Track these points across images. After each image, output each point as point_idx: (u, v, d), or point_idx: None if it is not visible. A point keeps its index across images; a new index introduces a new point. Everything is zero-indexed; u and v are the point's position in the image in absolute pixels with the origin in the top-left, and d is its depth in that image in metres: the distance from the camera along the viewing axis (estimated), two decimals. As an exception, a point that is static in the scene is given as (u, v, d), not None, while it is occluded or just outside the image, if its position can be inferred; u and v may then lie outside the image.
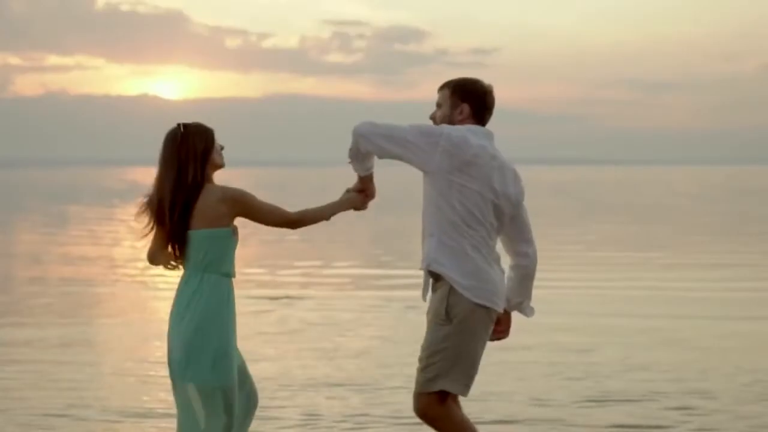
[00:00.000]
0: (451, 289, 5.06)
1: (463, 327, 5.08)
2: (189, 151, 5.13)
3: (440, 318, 5.07)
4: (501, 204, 5.18)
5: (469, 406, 8.02)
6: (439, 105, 5.33)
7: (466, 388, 5.15)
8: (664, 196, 59.24)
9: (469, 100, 5.26)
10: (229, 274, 5.29)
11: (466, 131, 5.16)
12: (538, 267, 5.40)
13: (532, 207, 6.15)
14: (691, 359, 10.11)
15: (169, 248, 5.20)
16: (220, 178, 5.34)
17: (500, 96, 5.46)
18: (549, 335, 11.47)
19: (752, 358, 10.18)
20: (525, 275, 5.34)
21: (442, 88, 5.35)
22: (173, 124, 5.25)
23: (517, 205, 5.27)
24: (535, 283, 5.88)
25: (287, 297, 14.36)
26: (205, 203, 5.09)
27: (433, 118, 5.35)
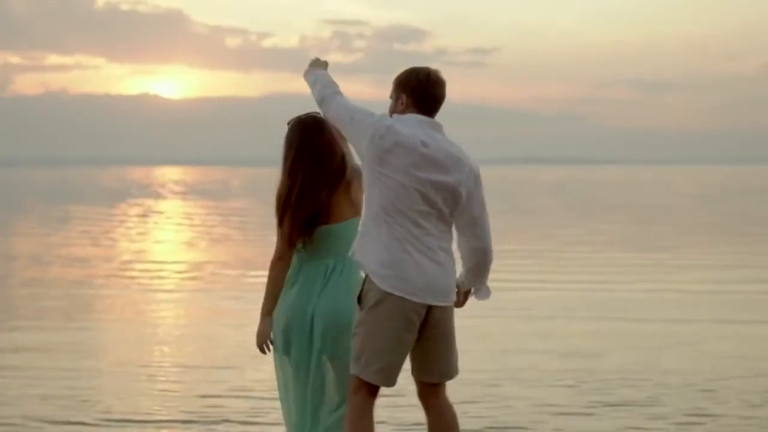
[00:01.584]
0: (367, 277, 5.10)
1: (372, 314, 5.05)
2: (333, 140, 5.36)
3: (357, 304, 5.13)
4: (429, 193, 5.05)
5: (473, 406, 7.93)
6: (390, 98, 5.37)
7: (375, 375, 5.07)
8: (665, 196, 59.22)
9: (406, 90, 5.22)
10: None
11: (397, 120, 5.15)
12: (546, 268, 5.31)
13: (534, 207, 6.07)
14: (700, 362, 9.99)
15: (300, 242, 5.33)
16: (220, 177, 5.25)
17: (500, 96, 5.22)
18: (558, 339, 11.36)
19: (761, 362, 10.07)
20: (470, 269, 5.27)
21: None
22: (292, 119, 5.44)
23: (457, 196, 5.12)
24: (541, 284, 5.80)
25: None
26: (346, 192, 5.36)
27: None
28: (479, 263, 5.26)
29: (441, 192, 5.09)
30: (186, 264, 20.43)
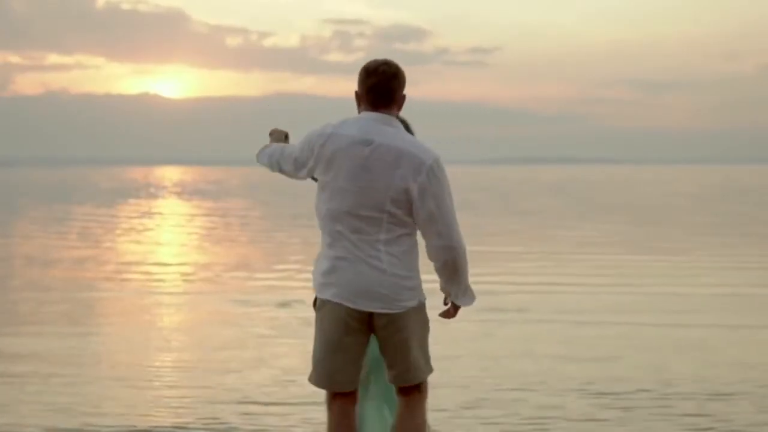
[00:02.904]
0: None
1: (316, 322, 5.08)
2: None
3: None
4: (374, 196, 4.89)
5: (481, 411, 7.82)
6: None
7: (320, 380, 5.06)
8: (666, 196, 59.23)
9: (358, 86, 5.11)
10: None
11: (341, 125, 5.03)
12: (558, 270, 5.15)
13: (536, 207, 5.93)
14: (711, 367, 9.84)
15: None
16: (220, 177, 5.16)
17: (500, 95, 5.08)
18: (566, 343, 11.26)
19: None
20: (439, 271, 5.02)
21: None
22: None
23: (407, 195, 4.89)
24: (548, 287, 5.68)
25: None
26: None
27: None
28: (446, 264, 4.98)
29: (388, 193, 4.90)
30: (184, 266, 20.39)
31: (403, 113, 5.24)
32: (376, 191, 4.91)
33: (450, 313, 5.15)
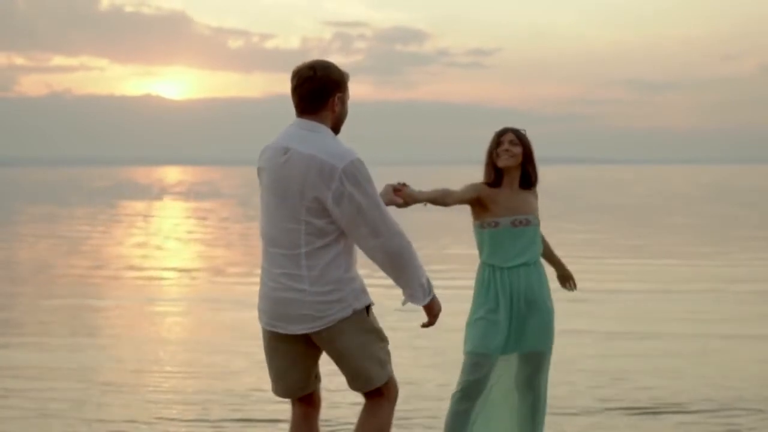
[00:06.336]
0: None
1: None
2: None
3: None
4: (289, 208, 4.72)
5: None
6: None
7: (275, 388, 5.02)
8: (667, 196, 58.93)
9: None
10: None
11: (276, 139, 4.89)
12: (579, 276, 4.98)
13: (538, 206, 5.92)
14: (732, 373, 9.61)
15: None
16: (221, 177, 5.21)
17: (500, 96, 5.12)
18: (583, 348, 11.22)
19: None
20: (385, 271, 4.81)
21: None
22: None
23: (321, 202, 4.68)
24: (565, 293, 5.74)
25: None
26: None
27: None
28: (384, 264, 4.76)
29: (303, 202, 4.70)
30: (180, 269, 20.31)
31: (403, 115, 5.15)
32: (292, 201, 4.71)
33: (429, 320, 4.91)
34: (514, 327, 5.81)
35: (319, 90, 4.79)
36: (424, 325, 4.94)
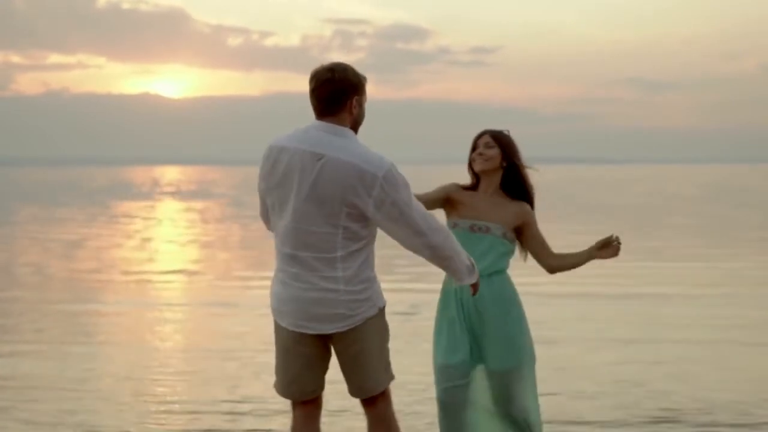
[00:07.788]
0: None
1: (275, 329, 5.06)
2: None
3: None
4: (326, 210, 4.75)
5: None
6: None
7: (280, 389, 5.03)
8: (669, 196, 59.22)
9: None
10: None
11: (287, 138, 4.88)
12: (588, 281, 4.91)
13: (541, 206, 5.79)
14: (744, 381, 9.44)
15: None
16: (221, 177, 4.93)
17: (501, 95, 5.17)
18: (593, 353, 11.00)
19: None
20: (432, 260, 4.92)
21: None
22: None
23: (361, 209, 4.75)
24: (572, 300, 5.47)
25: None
26: None
27: None
28: (431, 258, 4.91)
29: (343, 208, 4.75)
30: (179, 270, 20.17)
31: (404, 113, 5.01)
32: (330, 207, 4.76)
33: (473, 292, 5.17)
34: (473, 339, 5.63)
35: (337, 92, 4.85)
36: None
